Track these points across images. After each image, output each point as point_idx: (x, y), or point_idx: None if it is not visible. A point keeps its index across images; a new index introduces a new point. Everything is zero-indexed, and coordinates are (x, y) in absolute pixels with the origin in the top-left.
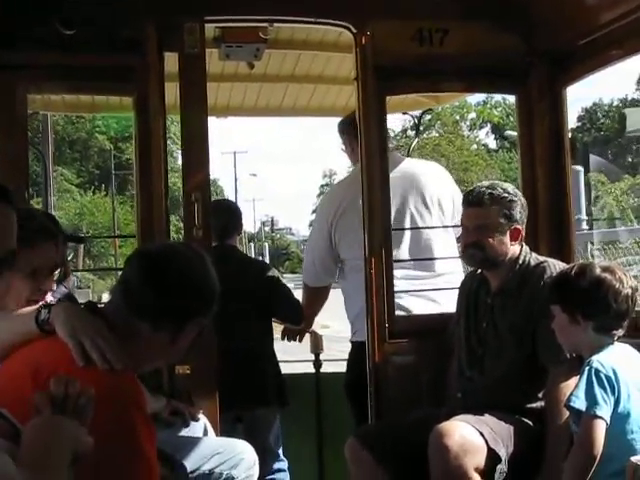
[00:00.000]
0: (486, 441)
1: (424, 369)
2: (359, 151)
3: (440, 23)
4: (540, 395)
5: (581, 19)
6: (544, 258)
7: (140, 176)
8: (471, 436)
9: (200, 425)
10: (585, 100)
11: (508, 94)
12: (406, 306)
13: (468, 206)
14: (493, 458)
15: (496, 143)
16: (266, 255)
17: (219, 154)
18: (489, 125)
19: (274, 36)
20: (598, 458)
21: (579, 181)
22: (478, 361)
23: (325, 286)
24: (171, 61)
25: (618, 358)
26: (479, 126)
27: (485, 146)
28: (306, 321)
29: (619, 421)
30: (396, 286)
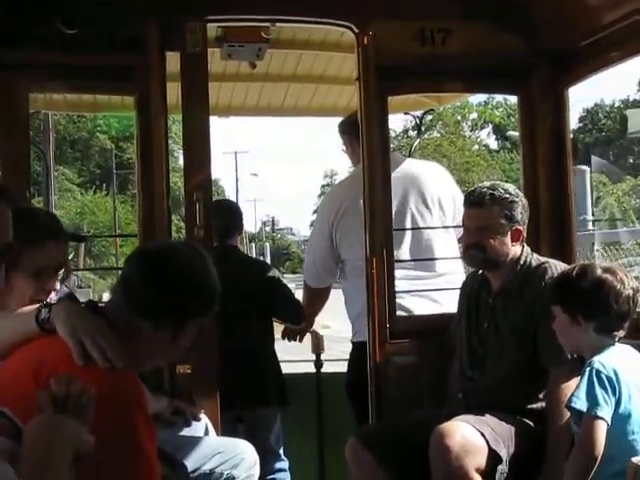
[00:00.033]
0: (487, 442)
1: (425, 369)
2: (360, 151)
3: (442, 23)
4: (541, 396)
5: (583, 20)
6: (545, 259)
7: (142, 176)
8: (472, 436)
9: (201, 425)
10: (587, 101)
11: (510, 94)
12: (407, 306)
13: (469, 207)
14: (494, 459)
15: (497, 144)
16: (267, 255)
17: (220, 154)
18: (490, 126)
19: (276, 36)
20: (599, 459)
21: (585, 181)
22: (479, 362)
23: (326, 286)
24: (173, 60)
25: (619, 359)
26: (480, 127)
27: (486, 147)
28: (306, 321)
29: (620, 422)
30: (397, 286)
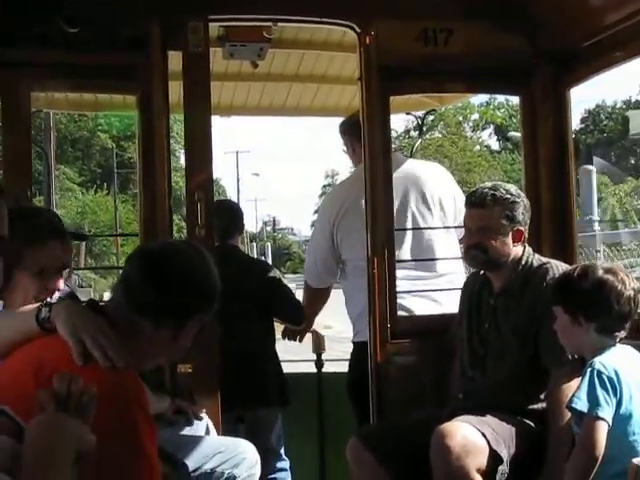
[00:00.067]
0: (488, 442)
1: (426, 369)
2: (362, 151)
3: (444, 23)
4: (542, 396)
5: (586, 20)
6: (547, 259)
7: (143, 175)
8: (473, 437)
9: (202, 424)
10: (588, 102)
11: (512, 95)
12: (408, 306)
13: (470, 207)
14: (495, 459)
15: (499, 144)
16: (268, 255)
17: (222, 153)
18: (492, 126)
19: (278, 35)
20: (600, 459)
21: (591, 181)
22: (480, 362)
23: (326, 286)
24: (175, 60)
25: (620, 359)
26: (482, 127)
27: (488, 147)
28: (306, 321)
29: (621, 422)
30: (398, 286)
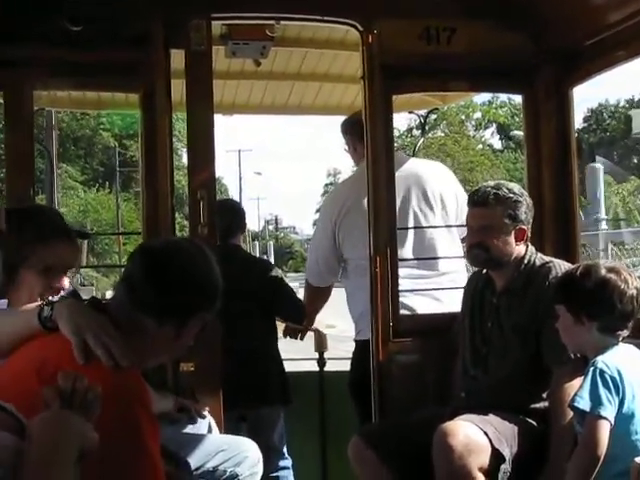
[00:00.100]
0: (490, 441)
1: (428, 368)
2: (365, 150)
3: (447, 22)
4: (544, 395)
5: (588, 19)
6: (549, 258)
7: (146, 174)
8: (475, 436)
9: (205, 423)
10: (591, 101)
11: (515, 94)
12: (410, 305)
13: (473, 206)
14: (497, 458)
15: (501, 143)
16: (271, 254)
17: (224, 152)
18: (495, 125)
19: (281, 34)
20: (602, 459)
21: (599, 179)
22: (482, 360)
23: (328, 285)
24: (177, 58)
25: (623, 359)
26: (485, 126)
27: (490, 146)
28: (307, 319)
29: (623, 422)
30: (400, 285)
